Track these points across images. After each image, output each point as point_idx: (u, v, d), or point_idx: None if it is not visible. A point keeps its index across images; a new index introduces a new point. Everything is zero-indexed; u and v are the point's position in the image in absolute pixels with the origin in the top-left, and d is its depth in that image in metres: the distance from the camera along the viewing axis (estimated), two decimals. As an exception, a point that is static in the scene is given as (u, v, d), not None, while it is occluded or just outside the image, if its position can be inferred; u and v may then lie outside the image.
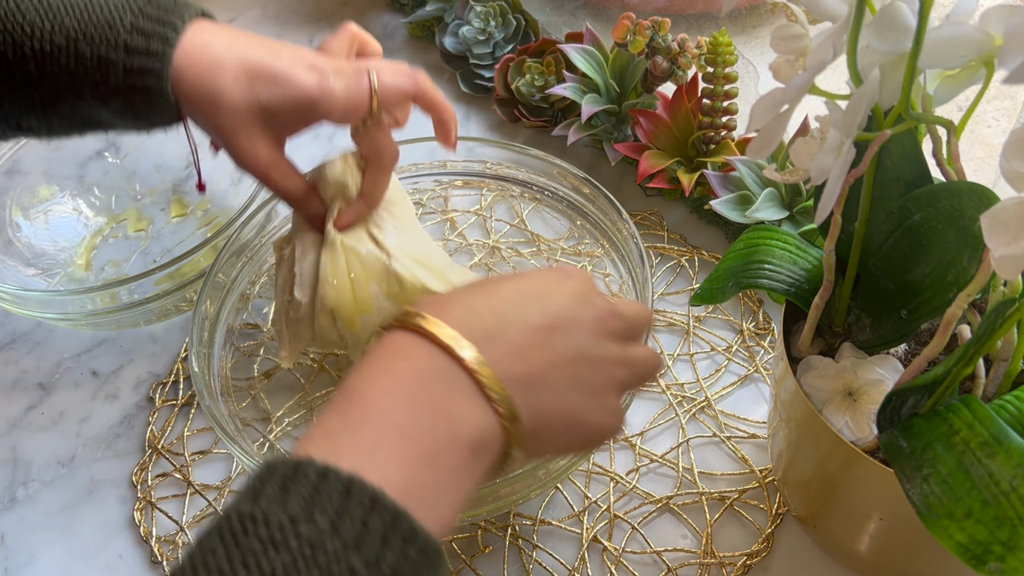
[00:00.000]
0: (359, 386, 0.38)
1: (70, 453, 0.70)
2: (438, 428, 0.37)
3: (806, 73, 0.42)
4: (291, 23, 1.01)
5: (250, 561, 0.31)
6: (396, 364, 0.38)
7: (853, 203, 0.51)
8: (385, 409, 0.36)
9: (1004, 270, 0.38)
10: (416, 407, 0.37)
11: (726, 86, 0.76)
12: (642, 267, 0.63)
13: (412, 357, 0.39)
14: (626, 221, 0.66)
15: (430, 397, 0.37)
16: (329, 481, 0.33)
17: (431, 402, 0.37)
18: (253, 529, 0.32)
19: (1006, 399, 0.47)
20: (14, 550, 0.65)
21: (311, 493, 0.32)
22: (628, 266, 0.67)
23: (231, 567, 0.31)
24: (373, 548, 0.32)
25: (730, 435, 0.67)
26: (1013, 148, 0.38)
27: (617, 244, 0.69)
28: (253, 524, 0.32)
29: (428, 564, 0.34)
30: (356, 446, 0.35)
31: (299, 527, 0.32)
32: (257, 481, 0.34)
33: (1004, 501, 0.42)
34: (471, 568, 0.63)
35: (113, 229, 0.82)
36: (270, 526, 0.32)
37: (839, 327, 0.55)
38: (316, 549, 0.31)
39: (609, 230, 0.69)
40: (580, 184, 0.70)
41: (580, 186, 0.70)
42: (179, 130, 0.57)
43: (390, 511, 0.33)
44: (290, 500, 0.32)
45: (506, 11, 0.90)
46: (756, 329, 0.73)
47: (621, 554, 0.62)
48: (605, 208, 0.69)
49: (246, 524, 0.32)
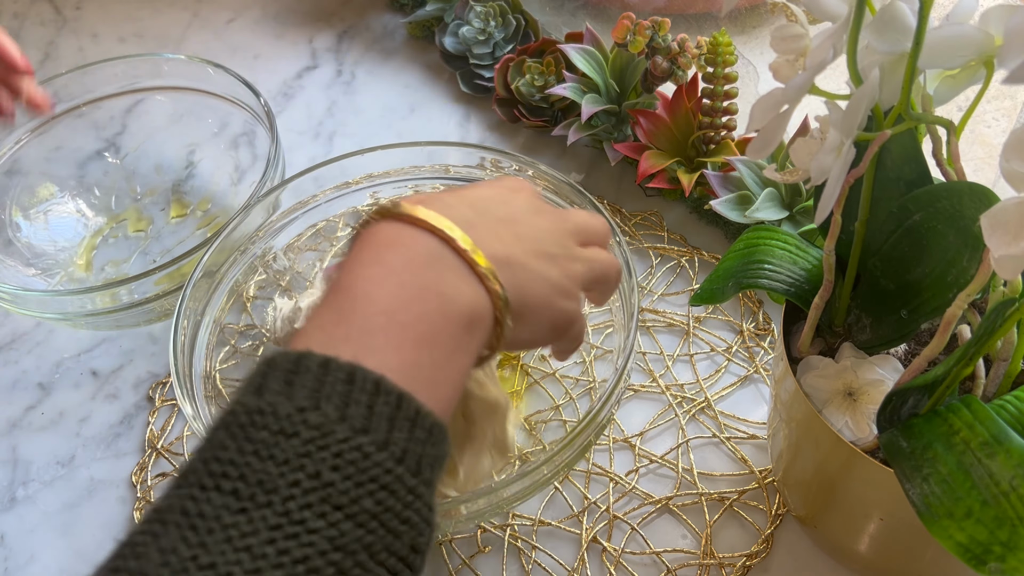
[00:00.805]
0: (349, 280, 0.38)
1: (70, 453, 0.70)
2: (430, 309, 0.37)
3: (806, 73, 0.42)
4: (291, 23, 1.01)
5: (262, 451, 0.31)
6: (384, 253, 0.39)
7: (853, 203, 0.51)
8: (376, 299, 0.37)
9: (1004, 270, 0.38)
10: (407, 291, 0.37)
11: (726, 86, 0.76)
12: (628, 277, 0.63)
13: (400, 244, 0.39)
14: (615, 233, 0.65)
15: (420, 280, 0.38)
16: (331, 371, 0.33)
17: (421, 285, 0.38)
18: (261, 421, 0.32)
19: (1006, 399, 0.47)
20: (14, 550, 0.65)
21: (315, 383, 0.33)
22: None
23: (243, 458, 0.31)
24: (381, 431, 0.33)
25: (730, 436, 0.67)
26: (1013, 148, 0.38)
27: None
28: (261, 416, 0.32)
29: (434, 443, 0.35)
30: (351, 336, 0.35)
31: (307, 416, 0.32)
32: (259, 376, 0.34)
33: (1004, 501, 0.42)
34: (470, 568, 0.63)
35: (113, 229, 0.82)
36: (278, 417, 0.32)
37: (839, 327, 0.55)
38: (327, 435, 0.32)
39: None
40: (570, 193, 0.70)
41: (570, 195, 0.70)
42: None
43: (394, 395, 0.34)
44: (295, 391, 0.33)
45: (506, 11, 0.89)
46: (756, 330, 0.73)
47: (620, 555, 0.62)
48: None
49: (254, 417, 0.32)
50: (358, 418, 0.32)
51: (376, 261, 0.38)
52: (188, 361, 0.62)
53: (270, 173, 0.73)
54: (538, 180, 0.71)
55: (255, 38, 1.00)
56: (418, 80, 0.94)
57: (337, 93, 0.94)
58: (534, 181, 0.72)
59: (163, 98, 0.85)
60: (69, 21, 1.03)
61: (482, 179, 0.74)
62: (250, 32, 1.00)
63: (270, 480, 0.31)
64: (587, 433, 0.57)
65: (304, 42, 0.99)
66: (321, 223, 0.76)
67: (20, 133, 0.81)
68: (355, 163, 0.71)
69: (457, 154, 0.73)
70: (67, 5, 1.04)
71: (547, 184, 0.71)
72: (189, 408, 0.59)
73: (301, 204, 0.72)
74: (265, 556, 0.29)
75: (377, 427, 0.33)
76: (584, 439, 0.57)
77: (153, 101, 0.85)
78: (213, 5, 1.03)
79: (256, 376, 0.34)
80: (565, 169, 0.84)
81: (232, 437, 0.32)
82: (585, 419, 0.56)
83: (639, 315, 0.63)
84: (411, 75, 0.94)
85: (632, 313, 0.61)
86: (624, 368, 0.58)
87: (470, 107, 0.91)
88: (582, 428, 0.56)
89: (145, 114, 0.86)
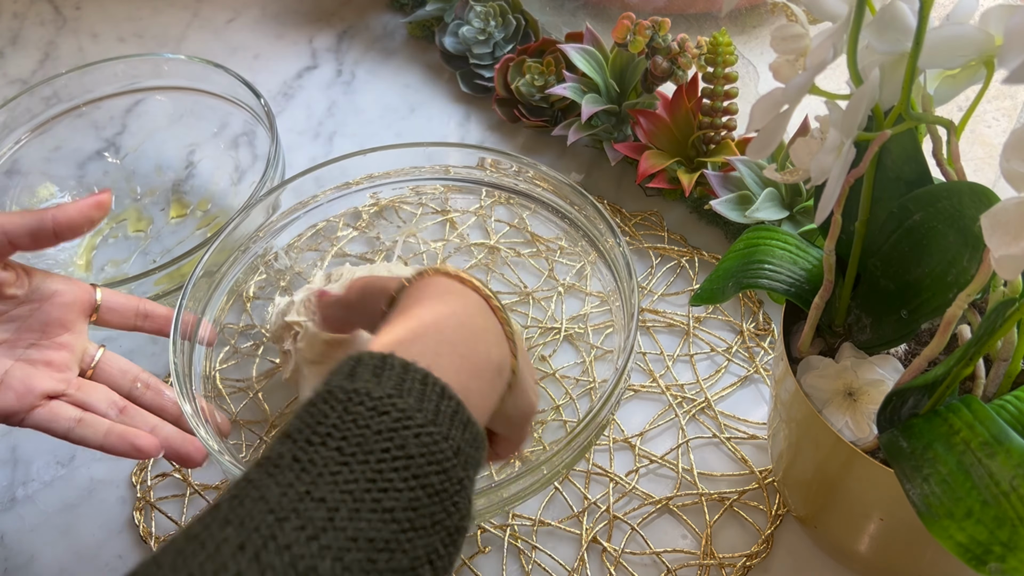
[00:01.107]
0: (418, 311, 0.46)
1: (70, 453, 0.70)
2: (480, 350, 0.46)
3: (806, 73, 0.42)
4: (291, 23, 1.01)
5: (360, 421, 0.38)
6: (446, 297, 0.47)
7: (853, 203, 0.51)
8: (444, 329, 0.45)
9: (1004, 270, 0.38)
10: (466, 331, 0.46)
11: (726, 86, 0.76)
12: (629, 278, 0.63)
13: (458, 294, 0.48)
14: (615, 234, 0.65)
15: (474, 325, 0.47)
16: (410, 372, 0.40)
17: (475, 329, 0.46)
18: (358, 399, 0.39)
19: (1006, 399, 0.47)
20: (14, 550, 0.65)
21: (399, 379, 0.40)
22: (615, 275, 0.67)
23: (344, 424, 0.38)
24: (444, 426, 0.40)
25: (730, 436, 0.67)
26: (1013, 148, 0.38)
27: (604, 253, 0.68)
28: (356, 395, 0.39)
29: (478, 448, 0.42)
30: (425, 352, 0.42)
31: (395, 400, 0.39)
32: (349, 368, 0.40)
33: (1004, 501, 0.42)
34: (470, 568, 0.63)
35: (113, 229, 0.82)
36: (372, 397, 0.39)
37: (839, 327, 0.55)
38: (409, 418, 0.39)
39: (598, 240, 0.69)
40: (570, 193, 0.70)
41: (570, 195, 0.70)
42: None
43: (455, 400, 0.41)
44: (383, 382, 0.40)
45: (506, 11, 0.90)
46: (756, 330, 0.73)
47: (620, 555, 0.62)
48: (592, 217, 0.68)
49: (351, 395, 0.39)
50: (430, 411, 0.40)
51: (441, 300, 0.47)
52: (188, 361, 0.62)
53: (270, 173, 0.73)
54: (539, 181, 0.71)
55: (255, 38, 1.00)
56: (418, 80, 0.94)
57: (337, 93, 0.94)
58: (534, 182, 0.72)
59: (163, 98, 0.85)
60: (69, 21, 1.03)
61: (482, 179, 0.74)
62: (250, 32, 1.00)
63: (367, 443, 0.37)
64: (587, 433, 0.57)
65: (304, 42, 0.99)
66: (321, 223, 0.76)
67: (20, 133, 0.81)
68: (355, 163, 0.71)
69: (457, 154, 0.73)
70: (67, 5, 1.04)
71: (547, 186, 0.71)
72: (188, 407, 0.58)
73: (301, 204, 0.72)
74: (363, 500, 0.36)
75: (441, 423, 0.40)
76: (584, 439, 0.57)
77: (153, 101, 0.85)
78: (213, 5, 1.03)
79: (347, 367, 0.41)
80: (565, 169, 0.84)
81: (333, 409, 0.38)
82: (585, 419, 0.56)
83: (639, 315, 0.63)
84: (411, 75, 0.94)
85: (632, 313, 0.61)
86: (624, 368, 0.58)
87: (470, 107, 0.91)
88: (582, 428, 0.56)
89: (145, 114, 0.86)
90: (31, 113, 0.81)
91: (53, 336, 0.57)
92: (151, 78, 0.84)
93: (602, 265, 0.69)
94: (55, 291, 0.58)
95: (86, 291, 0.59)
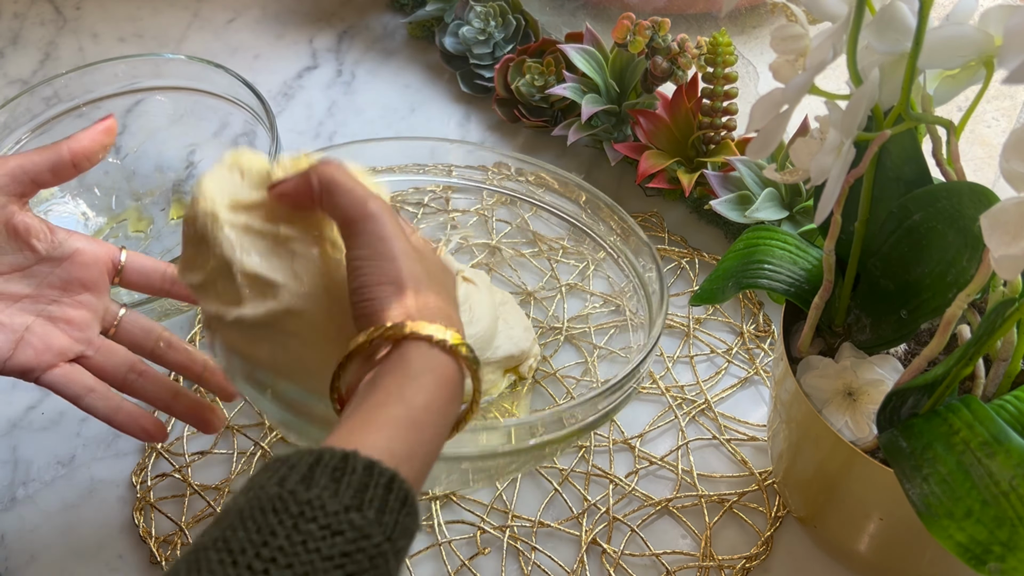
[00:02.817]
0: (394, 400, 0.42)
1: (70, 453, 0.70)
2: (444, 435, 0.44)
3: (806, 73, 0.42)
4: (291, 23, 1.01)
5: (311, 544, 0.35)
6: (424, 380, 0.43)
7: (853, 203, 0.51)
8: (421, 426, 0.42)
9: (1004, 270, 0.38)
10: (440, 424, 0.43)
11: (726, 86, 0.76)
12: (659, 288, 0.62)
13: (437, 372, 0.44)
14: (640, 236, 0.65)
15: (448, 412, 0.44)
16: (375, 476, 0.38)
17: (448, 416, 0.44)
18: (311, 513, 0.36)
19: (1006, 399, 0.47)
20: (14, 550, 0.65)
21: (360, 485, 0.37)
22: (629, 274, 0.67)
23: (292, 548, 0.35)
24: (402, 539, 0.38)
25: (730, 437, 0.67)
26: (1013, 148, 0.38)
27: (613, 253, 0.68)
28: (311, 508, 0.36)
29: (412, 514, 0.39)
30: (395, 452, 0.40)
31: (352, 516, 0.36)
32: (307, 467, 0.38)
33: (1004, 501, 0.42)
34: (470, 569, 0.63)
35: (113, 229, 0.82)
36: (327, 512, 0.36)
37: (839, 327, 0.55)
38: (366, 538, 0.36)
39: (611, 246, 0.69)
40: (589, 195, 0.70)
41: (588, 197, 0.70)
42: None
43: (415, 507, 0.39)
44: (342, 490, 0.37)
45: (506, 11, 0.90)
46: (756, 331, 0.73)
47: (620, 556, 0.62)
48: (605, 215, 0.68)
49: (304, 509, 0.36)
50: (389, 525, 0.37)
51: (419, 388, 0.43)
52: None
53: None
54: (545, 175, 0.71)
55: (255, 38, 1.00)
56: (418, 80, 0.94)
57: (337, 93, 0.94)
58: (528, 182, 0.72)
59: (163, 98, 0.85)
60: (69, 21, 1.03)
61: (483, 181, 0.74)
62: (250, 32, 1.00)
63: (315, 574, 0.34)
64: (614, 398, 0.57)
65: (304, 42, 0.99)
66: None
67: (20, 133, 0.81)
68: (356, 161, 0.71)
69: (459, 153, 0.73)
70: (67, 5, 1.04)
71: (550, 184, 0.71)
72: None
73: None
74: None
75: (398, 536, 0.38)
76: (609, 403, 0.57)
77: (153, 101, 0.85)
78: (213, 5, 1.03)
79: (304, 464, 0.38)
80: (565, 169, 0.83)
81: (283, 524, 0.35)
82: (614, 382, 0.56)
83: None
84: (411, 75, 0.94)
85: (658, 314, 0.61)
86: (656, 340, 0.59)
87: (470, 107, 0.91)
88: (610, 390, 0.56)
89: (145, 114, 0.85)
90: (31, 113, 0.81)
91: (74, 294, 0.57)
92: (151, 78, 0.84)
93: (611, 265, 0.69)
94: (77, 249, 0.57)
95: (110, 251, 0.59)
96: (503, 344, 0.66)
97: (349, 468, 0.38)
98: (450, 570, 0.63)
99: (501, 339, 0.66)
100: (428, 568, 0.63)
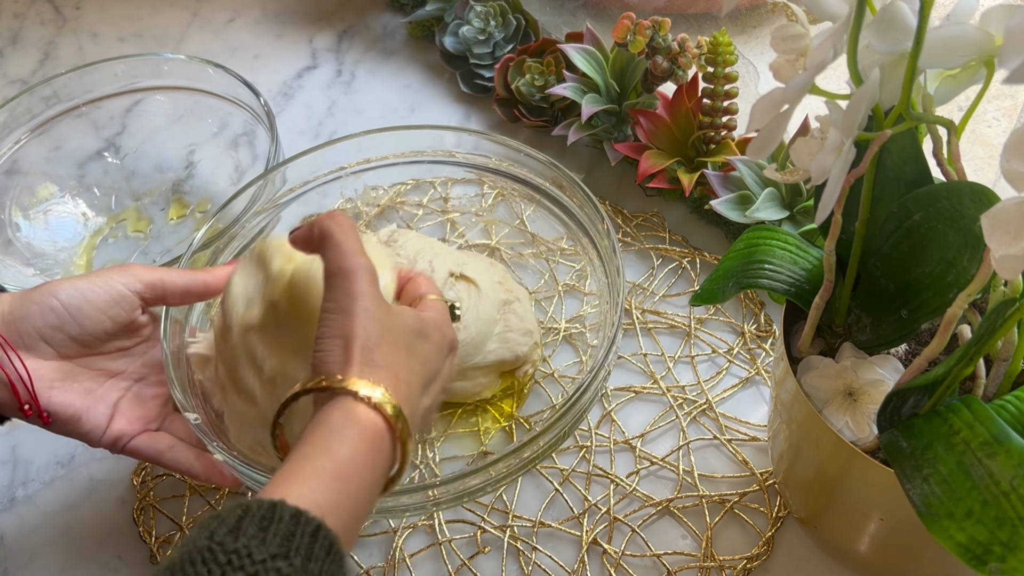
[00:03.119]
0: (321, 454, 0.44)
1: (70, 453, 0.70)
2: (374, 491, 0.45)
3: (806, 73, 0.42)
4: (291, 23, 1.01)
5: None
6: (348, 433, 0.45)
7: (853, 203, 0.51)
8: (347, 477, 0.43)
9: (1004, 270, 0.38)
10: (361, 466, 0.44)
11: (726, 86, 0.76)
12: (617, 276, 0.63)
13: (361, 428, 0.45)
14: (609, 234, 0.65)
15: (376, 466, 0.45)
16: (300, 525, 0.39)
17: (377, 472, 0.45)
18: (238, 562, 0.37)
19: (1006, 399, 0.47)
20: (14, 550, 0.65)
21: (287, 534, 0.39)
22: (606, 274, 0.67)
23: None
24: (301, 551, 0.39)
25: (731, 438, 0.67)
26: (1013, 148, 0.38)
27: (599, 250, 0.68)
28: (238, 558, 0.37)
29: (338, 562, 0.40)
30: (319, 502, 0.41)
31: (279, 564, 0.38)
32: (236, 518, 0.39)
33: (1004, 501, 0.42)
34: (470, 569, 0.62)
35: (113, 229, 0.82)
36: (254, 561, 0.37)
37: (839, 327, 0.55)
38: None
39: (597, 241, 0.68)
40: (571, 190, 0.69)
41: (570, 194, 0.70)
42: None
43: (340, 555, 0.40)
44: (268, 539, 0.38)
45: (506, 11, 0.89)
46: (758, 331, 0.73)
47: (621, 557, 0.62)
48: (592, 216, 0.68)
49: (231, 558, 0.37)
50: (315, 573, 0.38)
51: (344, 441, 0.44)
52: (187, 360, 0.62)
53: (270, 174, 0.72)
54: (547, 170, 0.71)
55: (255, 38, 1.00)
56: (418, 80, 0.94)
57: (337, 93, 0.94)
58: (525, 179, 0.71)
59: (163, 98, 0.85)
60: (69, 21, 1.03)
61: (484, 170, 0.74)
62: (250, 32, 1.00)
63: None
64: (567, 419, 0.58)
65: (304, 42, 0.99)
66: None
67: (20, 133, 0.81)
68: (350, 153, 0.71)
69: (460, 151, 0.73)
70: (67, 5, 1.04)
71: (551, 182, 0.71)
72: (190, 411, 0.58)
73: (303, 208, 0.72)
74: None
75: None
76: (564, 423, 0.58)
77: (153, 101, 0.85)
78: (213, 5, 1.03)
79: (232, 516, 0.39)
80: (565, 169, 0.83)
81: (210, 574, 0.37)
82: (571, 398, 0.58)
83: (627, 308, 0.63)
84: (411, 75, 0.94)
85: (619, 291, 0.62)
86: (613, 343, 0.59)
87: (470, 107, 0.91)
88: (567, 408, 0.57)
89: (145, 114, 0.85)
90: (31, 113, 0.81)
91: (162, 373, 0.61)
92: (151, 78, 0.84)
93: (596, 259, 0.69)
94: None
95: None
96: (495, 348, 0.66)
97: (276, 517, 0.39)
98: (450, 569, 0.63)
99: (494, 343, 0.66)
100: (428, 567, 0.63)
